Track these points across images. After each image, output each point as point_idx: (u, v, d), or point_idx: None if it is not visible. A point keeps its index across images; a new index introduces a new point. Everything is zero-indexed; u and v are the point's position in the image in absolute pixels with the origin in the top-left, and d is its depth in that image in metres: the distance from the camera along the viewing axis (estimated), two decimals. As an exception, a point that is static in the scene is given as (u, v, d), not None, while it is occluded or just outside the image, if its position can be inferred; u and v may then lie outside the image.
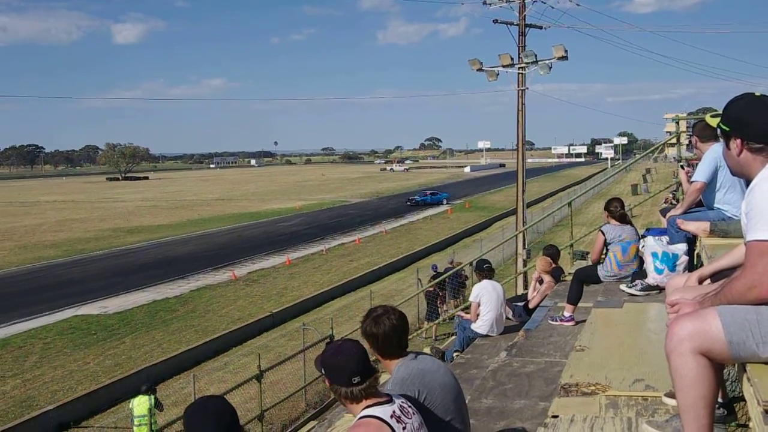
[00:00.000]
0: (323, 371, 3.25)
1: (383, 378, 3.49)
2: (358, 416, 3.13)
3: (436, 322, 21.25)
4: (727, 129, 2.71)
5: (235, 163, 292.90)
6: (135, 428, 14.01)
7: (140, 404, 14.02)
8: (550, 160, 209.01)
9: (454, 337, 12.25)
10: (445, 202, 72.97)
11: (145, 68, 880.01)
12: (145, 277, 34.37)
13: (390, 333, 3.63)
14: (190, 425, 2.87)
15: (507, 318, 10.01)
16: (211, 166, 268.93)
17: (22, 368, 20.91)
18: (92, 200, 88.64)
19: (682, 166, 8.12)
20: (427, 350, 12.12)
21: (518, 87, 27.24)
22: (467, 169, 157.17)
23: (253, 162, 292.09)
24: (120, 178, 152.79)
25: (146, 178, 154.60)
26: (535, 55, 26.58)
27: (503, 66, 27.20)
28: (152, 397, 14.12)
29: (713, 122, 5.87)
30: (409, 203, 71.62)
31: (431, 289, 21.32)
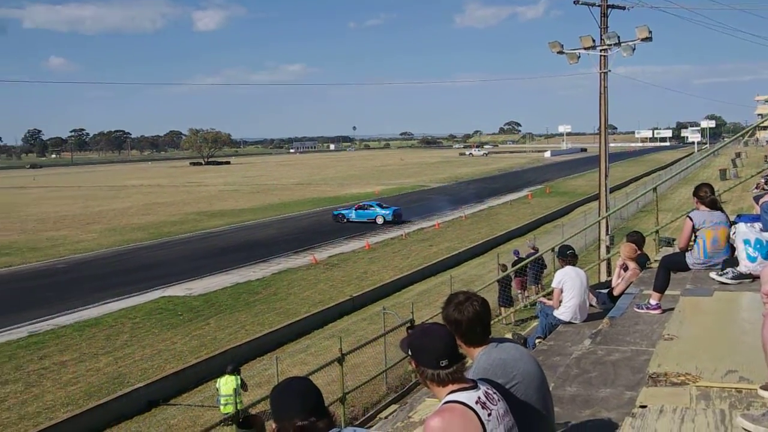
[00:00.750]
0: (410, 353, 3.22)
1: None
2: (443, 401, 3.12)
3: (515, 309, 21.13)
4: None
5: (315, 147, 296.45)
6: (221, 407, 14.46)
7: (226, 384, 14.44)
8: (633, 145, 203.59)
9: (535, 323, 12.14)
10: (380, 221, 47.48)
11: (225, 55, 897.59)
12: (228, 260, 35.12)
13: (474, 319, 3.56)
14: (276, 404, 2.92)
15: (591, 305, 9.85)
16: (291, 150, 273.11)
17: (114, 346, 21.69)
18: (176, 184, 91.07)
19: None
20: (508, 336, 12.07)
21: (600, 70, 26.57)
22: (547, 154, 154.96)
23: (332, 147, 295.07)
24: (203, 162, 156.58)
25: (228, 162, 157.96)
26: (618, 37, 25.83)
27: (584, 48, 26.57)
28: (238, 377, 14.53)
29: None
30: (336, 220, 49.65)
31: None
